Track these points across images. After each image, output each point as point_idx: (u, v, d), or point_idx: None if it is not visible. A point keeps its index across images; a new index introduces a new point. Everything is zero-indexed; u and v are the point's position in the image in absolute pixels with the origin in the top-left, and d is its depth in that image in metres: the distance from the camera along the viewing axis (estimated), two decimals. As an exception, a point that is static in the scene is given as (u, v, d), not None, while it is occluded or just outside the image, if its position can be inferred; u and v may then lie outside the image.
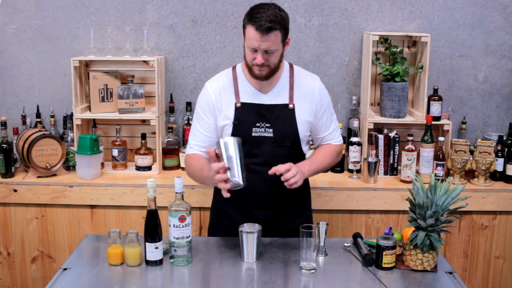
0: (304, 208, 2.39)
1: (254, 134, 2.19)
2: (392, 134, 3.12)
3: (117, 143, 3.11)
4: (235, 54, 3.23)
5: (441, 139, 3.01)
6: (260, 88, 2.21)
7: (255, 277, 1.95)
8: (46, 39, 3.24)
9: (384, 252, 1.99)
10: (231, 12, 3.19)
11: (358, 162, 3.09)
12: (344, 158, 3.11)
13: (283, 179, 2.05)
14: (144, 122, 3.22)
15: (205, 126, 2.25)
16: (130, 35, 3.17)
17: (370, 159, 3.00)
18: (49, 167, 3.00)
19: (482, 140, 3.12)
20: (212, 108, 2.23)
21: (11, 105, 3.31)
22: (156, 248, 1.99)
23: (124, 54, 3.11)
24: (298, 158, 2.26)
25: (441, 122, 3.10)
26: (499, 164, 3.04)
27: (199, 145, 2.25)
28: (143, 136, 3.13)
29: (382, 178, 3.10)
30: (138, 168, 3.12)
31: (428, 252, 1.97)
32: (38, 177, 2.99)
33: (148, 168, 3.12)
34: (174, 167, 3.19)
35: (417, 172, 3.02)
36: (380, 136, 3.12)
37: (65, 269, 2.00)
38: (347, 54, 3.25)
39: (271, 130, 2.19)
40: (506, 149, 3.04)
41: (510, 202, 2.93)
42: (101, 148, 3.07)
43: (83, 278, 1.94)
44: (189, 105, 3.21)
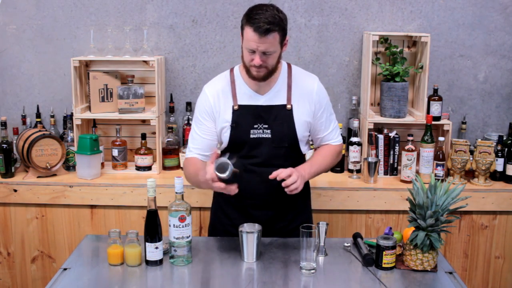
0: (303, 208, 2.39)
1: (252, 136, 2.19)
2: (392, 134, 3.12)
3: (117, 143, 3.11)
4: (235, 54, 3.23)
5: (441, 139, 3.01)
6: (258, 90, 2.21)
7: (255, 277, 1.95)
8: (46, 39, 3.24)
9: (384, 252, 1.99)
10: (231, 12, 3.19)
11: (358, 162, 3.09)
12: (344, 158, 3.11)
13: (284, 185, 2.05)
14: (144, 122, 3.22)
15: (204, 130, 2.24)
16: (130, 35, 3.17)
17: (370, 159, 3.00)
18: (49, 167, 3.00)
19: (482, 140, 3.12)
20: (211, 112, 2.23)
21: (11, 105, 3.31)
22: (156, 248, 1.99)
23: (124, 54, 3.11)
24: (297, 159, 2.26)
25: (441, 122, 3.10)
26: (499, 164, 3.03)
27: (198, 148, 2.25)
28: (143, 136, 3.13)
29: (382, 178, 3.10)
30: (138, 168, 3.12)
31: (428, 252, 1.97)
32: (38, 177, 2.99)
33: (148, 168, 3.12)
34: (174, 167, 3.19)
35: (417, 172, 3.02)
36: (380, 136, 3.12)
37: (65, 269, 2.00)
38: (347, 54, 3.24)
39: (269, 131, 2.19)
40: (506, 149, 3.04)
41: (510, 202, 2.93)
42: (101, 148, 3.07)
43: (83, 278, 1.94)
44: (189, 105, 3.21)
